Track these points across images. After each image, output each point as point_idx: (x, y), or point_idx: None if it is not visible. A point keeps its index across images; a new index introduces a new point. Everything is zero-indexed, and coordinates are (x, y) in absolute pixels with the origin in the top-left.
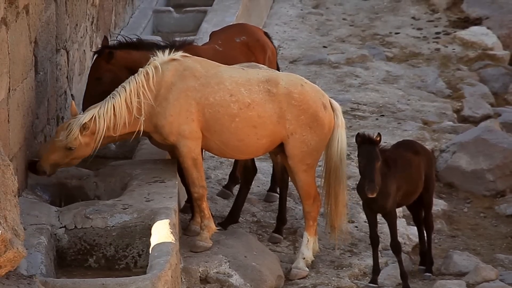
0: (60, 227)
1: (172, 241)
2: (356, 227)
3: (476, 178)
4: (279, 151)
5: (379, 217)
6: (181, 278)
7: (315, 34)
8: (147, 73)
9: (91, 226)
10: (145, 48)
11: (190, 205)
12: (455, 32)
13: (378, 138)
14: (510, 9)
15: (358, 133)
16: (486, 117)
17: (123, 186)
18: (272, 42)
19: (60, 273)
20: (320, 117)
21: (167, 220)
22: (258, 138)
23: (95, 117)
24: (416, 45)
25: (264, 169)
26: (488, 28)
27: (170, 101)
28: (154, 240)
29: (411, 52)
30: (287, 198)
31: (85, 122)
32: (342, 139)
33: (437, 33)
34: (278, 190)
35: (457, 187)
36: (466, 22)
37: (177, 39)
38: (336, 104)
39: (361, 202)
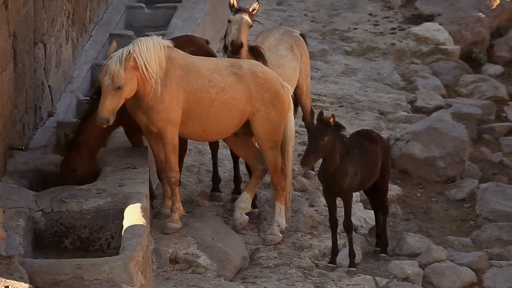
0: (38, 211)
1: (143, 224)
2: (316, 210)
3: (428, 165)
4: (241, 133)
5: (338, 202)
6: (152, 259)
7: None
8: (161, 47)
9: (67, 209)
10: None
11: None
12: (409, 28)
13: (331, 119)
14: (460, 6)
15: (321, 111)
16: (438, 107)
17: (97, 172)
18: (213, 51)
19: (37, 254)
20: (281, 95)
21: (139, 204)
22: (232, 119)
23: (130, 51)
24: (373, 40)
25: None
26: (440, 24)
27: (167, 87)
28: (126, 223)
29: (368, 47)
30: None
31: (129, 53)
32: (291, 119)
33: (393, 28)
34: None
35: (410, 174)
36: (420, 18)
37: (149, 33)
38: (288, 86)
39: (321, 188)
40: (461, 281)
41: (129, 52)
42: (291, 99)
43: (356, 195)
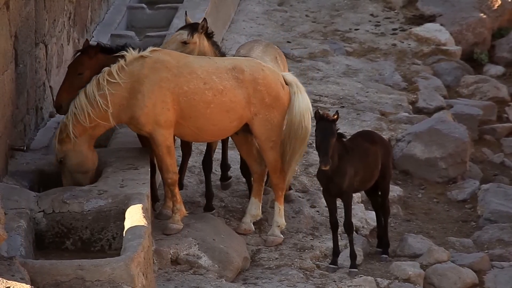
0: (39, 211)
1: (145, 225)
2: (318, 211)
3: (430, 166)
4: (240, 131)
5: (339, 203)
6: (153, 260)
7: (280, 30)
8: (110, 72)
9: (68, 210)
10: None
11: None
12: (410, 28)
13: (336, 116)
14: (461, 7)
15: (317, 110)
16: (439, 108)
17: (98, 173)
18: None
19: (39, 254)
20: (281, 97)
21: (140, 205)
22: (231, 122)
23: (64, 122)
24: (374, 40)
25: (232, 157)
26: (441, 24)
27: (145, 94)
28: (127, 223)
29: (369, 47)
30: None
31: (60, 127)
32: (304, 101)
33: (394, 29)
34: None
35: (412, 174)
36: (421, 19)
37: (150, 33)
38: (290, 77)
39: (321, 188)
40: (462, 282)
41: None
42: (296, 83)
43: (357, 196)
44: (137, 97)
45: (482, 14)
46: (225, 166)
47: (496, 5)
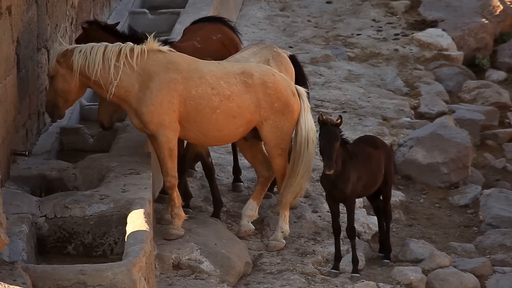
0: (41, 216)
1: (147, 230)
2: (319, 216)
3: (432, 171)
4: (250, 137)
5: (341, 207)
6: (155, 265)
7: (282, 35)
8: (132, 50)
9: (70, 215)
10: (121, 38)
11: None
12: (412, 33)
13: (339, 121)
14: (463, 12)
15: (320, 115)
16: (441, 113)
17: (100, 178)
18: (240, 40)
19: (40, 259)
20: (291, 104)
21: (142, 209)
22: (237, 127)
23: (73, 50)
24: (376, 45)
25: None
26: (443, 30)
27: (153, 91)
28: (129, 228)
29: (371, 52)
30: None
31: (66, 49)
32: (309, 121)
33: (396, 34)
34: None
35: (413, 179)
36: (423, 24)
37: (160, 38)
38: (301, 89)
39: (324, 194)
40: (464, 287)
41: (73, 49)
42: (306, 100)
43: (359, 201)
44: (145, 93)
45: (484, 20)
46: (237, 170)
47: (498, 11)
